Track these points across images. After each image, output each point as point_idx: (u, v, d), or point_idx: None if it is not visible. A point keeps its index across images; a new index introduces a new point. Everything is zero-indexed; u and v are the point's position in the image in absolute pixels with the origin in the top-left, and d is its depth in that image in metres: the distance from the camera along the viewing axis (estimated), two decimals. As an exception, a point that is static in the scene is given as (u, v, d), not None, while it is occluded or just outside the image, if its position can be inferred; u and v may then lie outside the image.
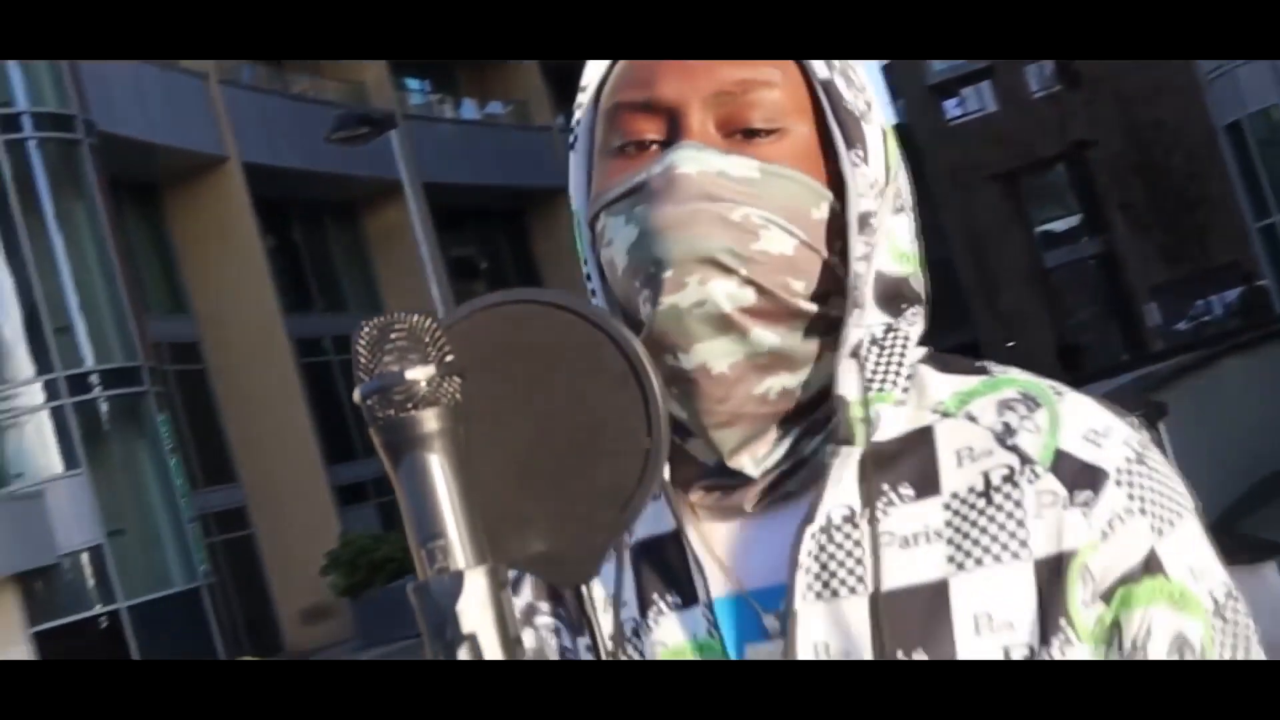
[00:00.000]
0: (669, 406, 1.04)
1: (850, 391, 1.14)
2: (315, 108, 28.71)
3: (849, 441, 1.13)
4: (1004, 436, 1.14)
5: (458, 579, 0.90)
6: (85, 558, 23.03)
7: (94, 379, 23.56)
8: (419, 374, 0.93)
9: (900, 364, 1.17)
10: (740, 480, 1.17)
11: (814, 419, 1.17)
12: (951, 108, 43.37)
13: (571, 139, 1.24)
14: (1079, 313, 44.05)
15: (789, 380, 1.16)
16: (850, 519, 1.13)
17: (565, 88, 34.85)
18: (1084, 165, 41.78)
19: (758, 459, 1.17)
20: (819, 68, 1.17)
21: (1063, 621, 1.08)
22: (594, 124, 1.22)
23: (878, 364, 1.16)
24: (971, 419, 1.15)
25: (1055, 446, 1.12)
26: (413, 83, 33.72)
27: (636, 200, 1.14)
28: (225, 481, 27.34)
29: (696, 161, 1.13)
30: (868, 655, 1.09)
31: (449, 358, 0.94)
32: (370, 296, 31.48)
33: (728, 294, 1.12)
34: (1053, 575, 1.09)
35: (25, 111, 23.64)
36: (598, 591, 1.18)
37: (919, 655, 1.09)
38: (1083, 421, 1.14)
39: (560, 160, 34.66)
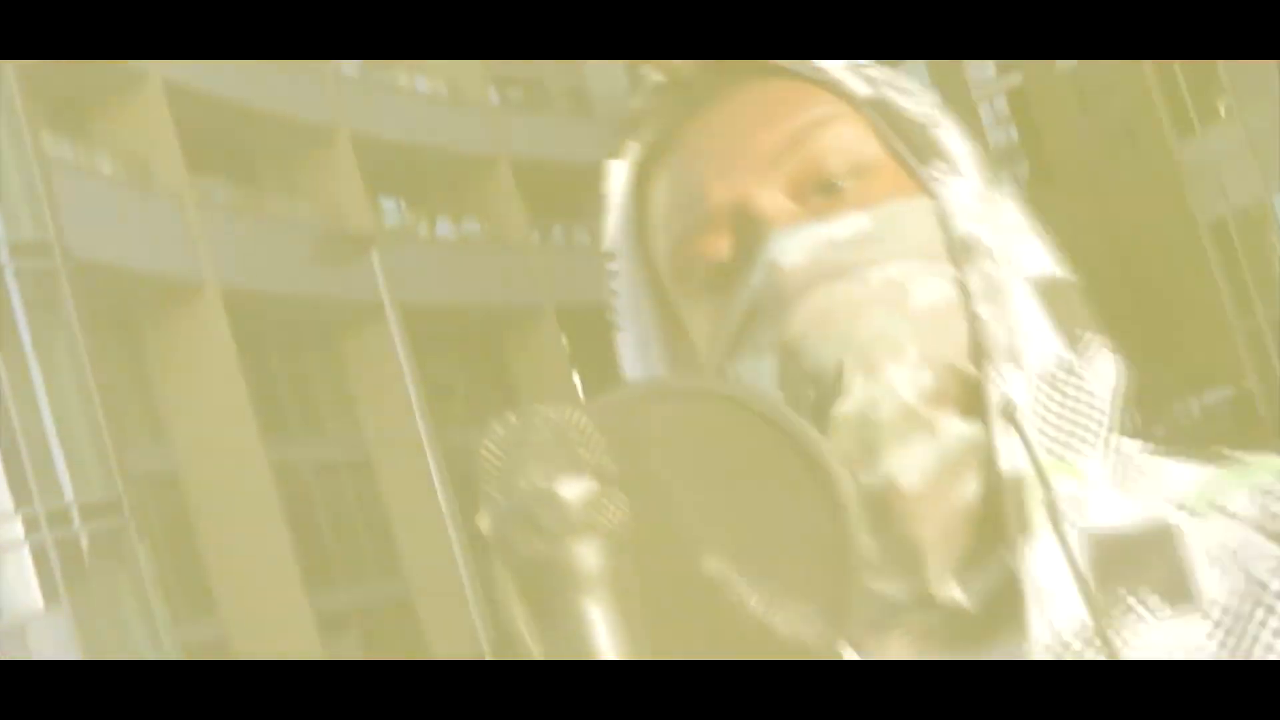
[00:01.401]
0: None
1: (1013, 464, 0.87)
2: (290, 229, 28.56)
3: (1026, 530, 0.86)
4: (1263, 523, 0.90)
5: None
6: (66, 697, 22.39)
7: (74, 512, 23.07)
8: (574, 490, 0.71)
9: (1089, 416, 0.91)
10: (944, 612, 0.89)
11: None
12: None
13: (620, 319, 0.98)
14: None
15: (986, 475, 0.88)
16: (1085, 637, 0.86)
17: (539, 202, 34.82)
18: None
19: (967, 583, 0.89)
20: (858, 85, 0.94)
21: None
22: (647, 285, 0.97)
23: (1048, 420, 0.90)
24: (1229, 516, 0.91)
25: None
26: (387, 202, 33.49)
27: (754, 329, 0.89)
28: (205, 614, 26.77)
29: (796, 246, 0.88)
30: None
31: (610, 467, 0.73)
32: (350, 421, 31.04)
33: (905, 378, 0.86)
34: None
35: (0, 239, 23.27)
36: None
37: None
38: None
39: (536, 277, 33.71)
